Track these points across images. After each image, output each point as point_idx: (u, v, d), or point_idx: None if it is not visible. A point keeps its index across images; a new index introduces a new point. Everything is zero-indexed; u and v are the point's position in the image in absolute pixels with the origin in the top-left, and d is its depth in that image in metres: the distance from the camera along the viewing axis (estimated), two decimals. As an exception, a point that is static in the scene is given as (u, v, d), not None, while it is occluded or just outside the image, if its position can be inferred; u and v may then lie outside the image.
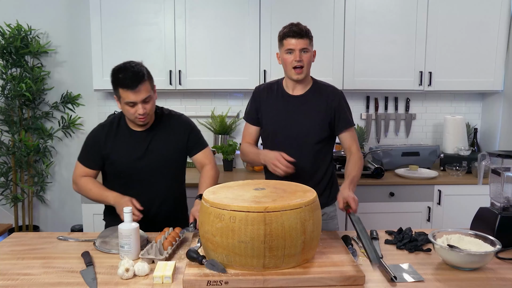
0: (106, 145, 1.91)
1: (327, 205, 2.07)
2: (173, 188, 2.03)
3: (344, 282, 1.31)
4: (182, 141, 1.99)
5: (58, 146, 3.41)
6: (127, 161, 1.91)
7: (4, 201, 3.34)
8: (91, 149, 1.94)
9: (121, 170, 1.93)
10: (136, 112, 1.81)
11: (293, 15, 2.95)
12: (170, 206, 2.00)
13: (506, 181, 1.68)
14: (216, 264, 1.33)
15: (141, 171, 1.92)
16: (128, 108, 1.82)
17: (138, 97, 1.79)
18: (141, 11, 2.95)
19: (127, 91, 1.78)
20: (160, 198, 1.96)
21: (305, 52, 1.89)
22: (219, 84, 3.04)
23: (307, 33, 1.89)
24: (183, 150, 2.01)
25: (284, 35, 1.90)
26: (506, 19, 3.03)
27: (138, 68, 1.81)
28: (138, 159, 1.91)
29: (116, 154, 1.91)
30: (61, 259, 1.52)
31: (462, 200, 2.87)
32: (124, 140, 1.93)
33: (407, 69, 3.06)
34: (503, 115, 3.15)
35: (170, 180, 2.00)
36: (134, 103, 1.80)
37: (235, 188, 1.52)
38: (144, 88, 1.80)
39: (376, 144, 3.39)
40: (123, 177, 1.94)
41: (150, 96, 1.84)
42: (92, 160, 1.94)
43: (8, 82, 3.16)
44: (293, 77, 1.92)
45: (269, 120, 2.01)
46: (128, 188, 1.91)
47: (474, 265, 1.41)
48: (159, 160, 1.94)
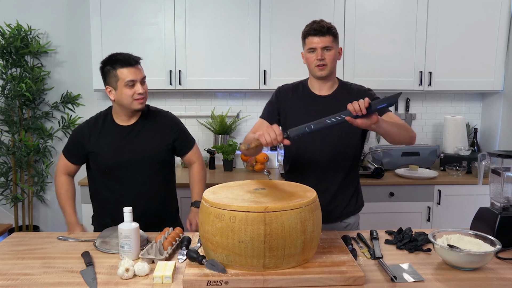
0: (90, 140, 1.93)
1: (353, 214, 2.00)
2: (160, 186, 1.99)
3: (344, 282, 1.31)
4: (168, 139, 1.99)
5: (58, 146, 3.41)
6: (111, 155, 1.91)
7: (4, 201, 3.34)
8: (74, 144, 1.97)
9: (105, 164, 1.92)
10: (135, 93, 1.84)
11: (293, 15, 2.95)
12: (157, 205, 1.98)
13: (506, 181, 1.68)
14: (216, 264, 1.33)
15: (125, 165, 1.91)
16: (127, 90, 1.84)
17: (138, 75, 1.84)
18: (141, 11, 2.95)
19: (127, 68, 1.82)
20: (145, 196, 1.94)
21: (328, 50, 1.80)
22: (219, 84, 3.04)
23: (330, 30, 1.80)
24: (169, 148, 2.00)
25: (306, 33, 1.83)
26: (506, 19, 3.03)
27: (135, 55, 1.89)
28: (122, 153, 1.91)
29: (100, 148, 1.92)
30: (61, 259, 1.52)
31: (462, 200, 2.88)
32: (109, 134, 1.93)
33: (407, 69, 3.06)
34: (503, 115, 3.15)
35: (156, 177, 1.96)
36: (133, 82, 1.83)
37: (235, 188, 1.52)
38: (141, 69, 1.88)
39: (376, 144, 3.40)
40: (107, 172, 1.93)
41: (145, 79, 1.90)
42: (74, 155, 1.98)
43: (8, 82, 3.16)
44: (316, 74, 1.84)
45: (297, 121, 1.85)
46: (113, 183, 1.93)
47: (474, 265, 1.41)
48: (144, 155, 1.92)
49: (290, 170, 2.01)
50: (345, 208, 1.96)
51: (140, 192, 1.94)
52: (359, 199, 2.03)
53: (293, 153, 1.96)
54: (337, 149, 1.89)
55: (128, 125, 1.94)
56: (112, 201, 1.94)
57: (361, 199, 2.05)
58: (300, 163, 1.94)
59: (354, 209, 2.00)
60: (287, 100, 1.94)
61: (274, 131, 1.54)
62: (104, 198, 1.97)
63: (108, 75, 1.86)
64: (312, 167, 1.91)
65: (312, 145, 1.90)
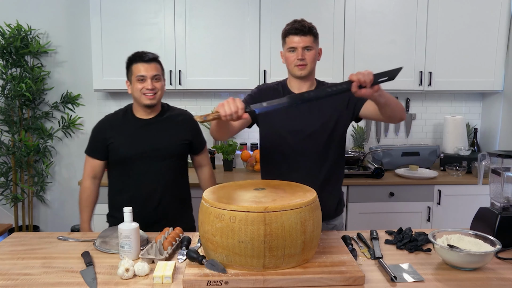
0: (111, 132, 1.98)
1: (337, 215, 2.00)
2: (176, 182, 2.03)
3: (344, 282, 1.31)
4: (187, 136, 2.03)
5: (58, 146, 3.41)
6: (128, 145, 1.95)
7: (4, 201, 3.34)
8: (95, 140, 2.02)
9: (122, 155, 1.96)
10: (144, 88, 1.90)
11: (293, 15, 2.93)
12: (172, 201, 2.01)
13: (506, 181, 1.68)
14: (216, 264, 1.33)
15: (141, 156, 1.94)
16: (137, 85, 1.91)
17: (149, 71, 1.90)
18: (141, 11, 2.95)
19: (139, 63, 1.91)
20: (161, 189, 1.97)
21: (308, 50, 1.79)
22: (219, 84, 3.04)
23: (311, 30, 1.79)
24: (186, 144, 2.04)
25: (286, 32, 1.82)
26: (506, 19, 3.03)
27: (153, 53, 1.97)
28: (139, 144, 1.95)
29: (118, 138, 1.96)
30: (61, 259, 1.52)
31: (462, 200, 2.88)
32: (129, 127, 1.98)
33: (407, 69, 3.06)
34: (503, 115, 3.15)
35: (172, 172, 2.01)
36: (143, 78, 1.89)
37: (235, 188, 1.52)
38: (155, 66, 1.93)
39: (376, 144, 3.40)
40: (124, 163, 1.97)
41: (160, 77, 1.95)
42: (97, 150, 2.02)
43: (8, 82, 3.16)
44: (296, 73, 1.82)
45: (279, 121, 1.88)
46: (130, 174, 1.96)
47: (474, 265, 1.41)
48: (162, 149, 1.96)
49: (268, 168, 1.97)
50: (330, 209, 1.94)
51: (154, 184, 1.97)
52: (341, 200, 2.02)
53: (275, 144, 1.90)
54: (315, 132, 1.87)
55: (147, 118, 1.99)
56: (127, 194, 1.98)
57: (342, 201, 2.03)
58: (280, 163, 1.90)
59: (339, 210, 2.00)
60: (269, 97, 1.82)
61: (236, 103, 1.43)
62: (120, 191, 2.01)
63: (128, 69, 1.96)
64: (292, 163, 1.88)
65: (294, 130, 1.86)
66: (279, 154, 1.89)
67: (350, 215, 2.87)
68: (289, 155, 1.87)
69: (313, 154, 1.88)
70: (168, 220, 1.94)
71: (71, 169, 3.44)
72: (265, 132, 1.93)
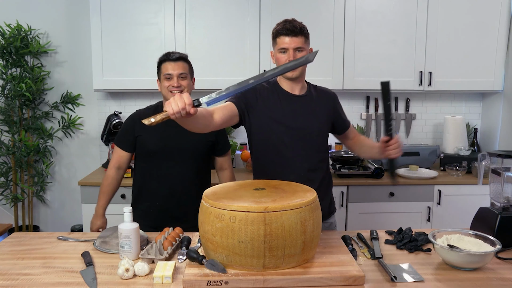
0: (140, 126, 2.03)
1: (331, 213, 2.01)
2: (197, 182, 2.07)
3: (344, 282, 1.31)
4: (211, 136, 2.07)
5: (58, 146, 3.41)
6: (156, 140, 2.01)
7: (4, 201, 3.34)
8: (125, 131, 2.09)
9: (150, 149, 2.03)
10: (170, 85, 1.97)
11: (293, 15, 2.92)
12: (191, 200, 2.00)
13: (506, 181, 1.68)
14: (216, 264, 1.33)
15: (168, 152, 2.01)
16: (165, 82, 1.99)
17: (175, 69, 1.97)
18: (141, 11, 2.95)
19: (168, 62, 1.99)
20: (183, 187, 2.03)
21: (299, 51, 1.76)
22: (219, 84, 3.01)
23: (302, 30, 1.76)
24: (210, 144, 2.09)
25: (277, 32, 1.77)
26: (506, 19, 3.03)
27: (182, 53, 2.04)
28: (167, 139, 2.01)
29: (147, 132, 2.03)
30: (61, 259, 1.52)
31: (462, 200, 2.88)
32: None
33: (407, 69, 3.06)
34: (503, 115, 3.15)
35: (195, 171, 2.06)
36: (170, 76, 1.97)
37: (235, 188, 1.52)
38: (182, 65, 2.00)
39: (376, 144, 3.39)
40: (151, 157, 2.03)
41: (187, 75, 2.01)
42: (125, 141, 2.09)
43: (8, 82, 3.16)
44: (287, 74, 1.79)
45: (274, 120, 1.83)
46: (155, 168, 2.03)
47: (474, 265, 1.41)
48: (186, 144, 2.02)
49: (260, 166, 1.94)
50: (324, 208, 1.93)
51: (178, 179, 2.03)
52: (333, 200, 2.04)
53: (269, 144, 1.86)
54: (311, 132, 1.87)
55: None
56: (150, 189, 2.05)
57: (333, 201, 2.05)
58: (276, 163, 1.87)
59: (332, 208, 2.01)
60: (263, 96, 1.84)
61: (183, 99, 1.32)
62: (144, 183, 2.07)
63: (158, 69, 2.05)
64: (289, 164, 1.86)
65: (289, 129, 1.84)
66: (276, 155, 1.85)
67: (350, 215, 2.87)
68: (285, 156, 1.85)
69: (310, 154, 1.87)
70: (186, 217, 1.98)
71: (71, 169, 3.44)
72: (258, 132, 1.86)
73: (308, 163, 1.86)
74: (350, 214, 2.87)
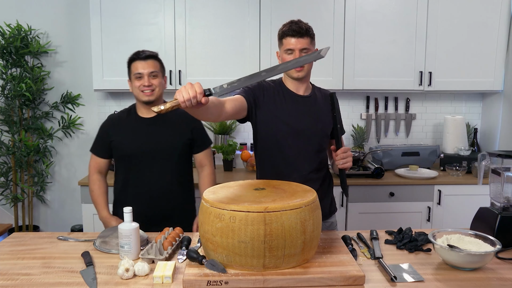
0: (114, 131, 2.02)
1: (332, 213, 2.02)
2: (178, 182, 2.04)
3: (344, 282, 1.31)
4: (187, 133, 2.04)
5: (58, 146, 3.41)
6: (130, 143, 1.99)
7: (4, 201, 3.34)
8: (99, 138, 2.07)
9: (125, 152, 2.00)
10: (141, 85, 1.94)
11: (293, 15, 2.93)
12: (173, 201, 2.01)
13: (506, 181, 1.68)
14: (216, 264, 1.33)
15: (143, 155, 1.98)
16: (135, 82, 1.96)
17: (145, 68, 1.94)
18: (141, 11, 2.95)
19: (136, 61, 1.95)
20: (160, 187, 1.99)
21: (305, 52, 1.78)
22: (219, 84, 3.03)
23: (308, 31, 1.78)
24: (187, 143, 2.05)
25: (283, 33, 1.79)
26: (506, 19, 3.03)
27: (152, 51, 2.00)
28: (141, 143, 1.98)
29: (120, 136, 2.01)
30: (61, 259, 1.52)
31: (462, 200, 2.88)
32: (131, 125, 2.02)
33: (407, 69, 3.06)
34: (503, 115, 3.15)
35: (174, 171, 2.02)
36: (141, 75, 1.94)
37: (235, 188, 1.52)
38: (152, 64, 1.96)
39: (376, 144, 3.40)
40: (126, 161, 2.01)
41: (158, 74, 1.97)
42: (100, 148, 2.06)
43: (8, 82, 3.16)
44: (293, 75, 1.81)
45: (279, 119, 1.83)
46: (132, 172, 2.00)
47: (474, 265, 1.41)
48: (161, 146, 1.99)
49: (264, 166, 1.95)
50: (325, 208, 1.95)
51: (157, 182, 1.99)
52: (333, 199, 2.05)
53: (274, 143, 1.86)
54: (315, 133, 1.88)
55: (149, 117, 2.02)
56: (130, 192, 2.01)
57: (334, 199, 2.05)
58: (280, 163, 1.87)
59: (333, 208, 2.02)
60: (270, 95, 1.85)
61: (194, 88, 1.32)
62: (123, 188, 2.04)
63: (128, 68, 2.01)
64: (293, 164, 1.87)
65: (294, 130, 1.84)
66: (279, 154, 1.87)
67: (350, 215, 2.87)
68: (288, 155, 1.86)
69: (312, 154, 1.89)
70: (170, 220, 1.94)
71: (71, 169, 3.44)
72: (263, 129, 1.87)
73: (310, 164, 1.88)
74: (350, 214, 2.87)
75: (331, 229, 1.98)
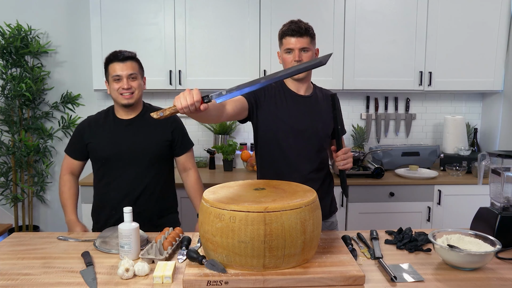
0: (90, 132, 1.97)
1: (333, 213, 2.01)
2: (156, 181, 1.97)
3: (344, 282, 1.31)
4: (167, 135, 1.99)
5: (58, 146, 3.41)
6: (107, 145, 1.93)
7: (4, 201, 3.34)
8: (75, 140, 2.01)
9: (102, 155, 1.95)
10: (120, 87, 1.88)
11: (293, 14, 2.93)
12: (152, 204, 1.97)
13: (506, 181, 1.68)
14: (216, 264, 1.33)
15: (121, 157, 1.92)
16: (114, 84, 1.89)
17: (124, 70, 1.87)
18: (141, 11, 2.95)
19: (115, 63, 1.88)
20: (139, 189, 1.94)
21: (305, 51, 1.79)
22: (219, 84, 3.03)
23: (308, 31, 1.78)
24: (167, 144, 1.99)
25: (283, 33, 1.80)
26: (506, 19, 3.03)
27: (130, 52, 1.93)
28: (119, 144, 1.93)
29: (97, 139, 1.95)
30: (61, 259, 1.52)
31: (462, 200, 2.88)
32: (109, 127, 1.97)
33: (407, 69, 3.06)
34: (503, 115, 3.15)
35: (151, 172, 1.96)
36: (119, 77, 1.87)
37: (235, 188, 1.52)
38: (131, 65, 1.90)
39: (376, 144, 3.40)
40: (104, 164, 1.96)
41: (137, 75, 1.92)
42: (75, 150, 2.01)
43: (8, 82, 3.16)
44: (294, 75, 1.80)
45: (280, 119, 1.84)
46: (110, 175, 1.95)
47: (474, 265, 1.41)
48: (140, 148, 1.93)
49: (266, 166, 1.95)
50: (326, 208, 1.95)
51: (135, 185, 1.94)
52: (334, 198, 2.04)
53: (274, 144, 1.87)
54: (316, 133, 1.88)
55: (127, 119, 1.97)
56: (107, 195, 1.96)
57: (334, 199, 2.05)
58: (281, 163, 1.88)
59: (333, 207, 2.01)
60: (270, 95, 1.86)
61: (191, 95, 1.34)
62: (101, 193, 2.00)
63: (105, 70, 1.94)
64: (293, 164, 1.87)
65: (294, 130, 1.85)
66: (280, 154, 1.87)
67: (350, 215, 2.87)
68: (289, 155, 1.86)
69: (313, 154, 1.89)
70: (152, 222, 1.91)
71: (71, 169, 3.44)
72: (264, 129, 1.87)
73: (311, 164, 1.88)
74: (350, 214, 2.87)
75: (331, 228, 1.98)
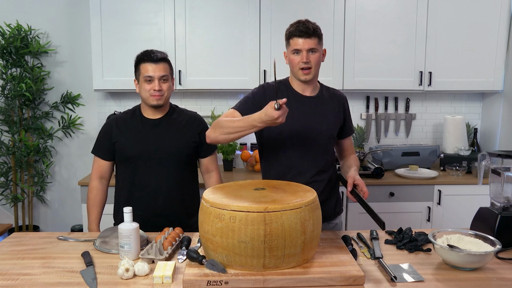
0: (117, 131, 1.96)
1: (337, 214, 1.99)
2: (182, 185, 1.98)
3: (344, 282, 1.31)
4: (194, 136, 1.99)
5: (58, 146, 3.41)
6: (134, 145, 1.93)
7: (4, 201, 3.34)
8: (102, 139, 2.00)
9: (128, 154, 1.94)
10: (151, 89, 1.88)
11: (293, 14, 2.95)
12: (177, 204, 1.97)
13: (506, 181, 1.68)
14: (216, 264, 1.33)
15: (147, 156, 1.92)
16: (145, 85, 1.89)
17: (157, 71, 1.88)
18: (141, 11, 2.95)
19: (148, 63, 1.88)
20: (165, 191, 1.94)
21: (313, 52, 1.75)
22: (219, 84, 3.04)
23: (316, 31, 1.75)
24: (193, 146, 1.99)
25: (290, 34, 1.77)
26: (506, 19, 3.04)
27: (162, 52, 1.94)
28: (145, 144, 1.93)
29: (124, 137, 1.95)
30: (61, 259, 1.52)
31: (462, 200, 2.88)
32: (136, 126, 1.97)
33: (407, 69, 3.06)
34: (503, 115, 3.15)
35: (178, 174, 1.96)
36: (151, 78, 1.87)
37: (235, 188, 1.52)
38: (163, 67, 1.90)
39: (376, 144, 3.40)
40: (130, 163, 1.95)
41: (168, 77, 1.92)
42: (103, 150, 2.00)
43: (8, 82, 3.16)
44: (300, 78, 1.79)
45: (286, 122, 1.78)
46: (136, 175, 1.94)
47: (474, 265, 1.41)
48: (168, 149, 1.93)
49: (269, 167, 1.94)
50: (330, 209, 1.94)
51: (162, 185, 1.94)
52: (339, 200, 2.02)
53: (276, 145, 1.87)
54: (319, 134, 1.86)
55: (154, 119, 1.97)
56: (132, 194, 1.96)
57: (340, 200, 2.03)
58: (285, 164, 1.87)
59: (338, 209, 1.99)
60: (272, 97, 1.81)
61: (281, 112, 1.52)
62: (125, 192, 1.98)
63: (136, 68, 1.94)
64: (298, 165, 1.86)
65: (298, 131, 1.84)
66: (284, 156, 1.86)
67: (350, 215, 2.87)
68: (293, 157, 1.84)
69: (317, 156, 1.87)
70: (174, 223, 1.89)
71: (71, 169, 3.44)
72: (267, 132, 1.86)
73: (315, 165, 1.86)
74: (350, 214, 2.87)
75: (335, 230, 1.96)
